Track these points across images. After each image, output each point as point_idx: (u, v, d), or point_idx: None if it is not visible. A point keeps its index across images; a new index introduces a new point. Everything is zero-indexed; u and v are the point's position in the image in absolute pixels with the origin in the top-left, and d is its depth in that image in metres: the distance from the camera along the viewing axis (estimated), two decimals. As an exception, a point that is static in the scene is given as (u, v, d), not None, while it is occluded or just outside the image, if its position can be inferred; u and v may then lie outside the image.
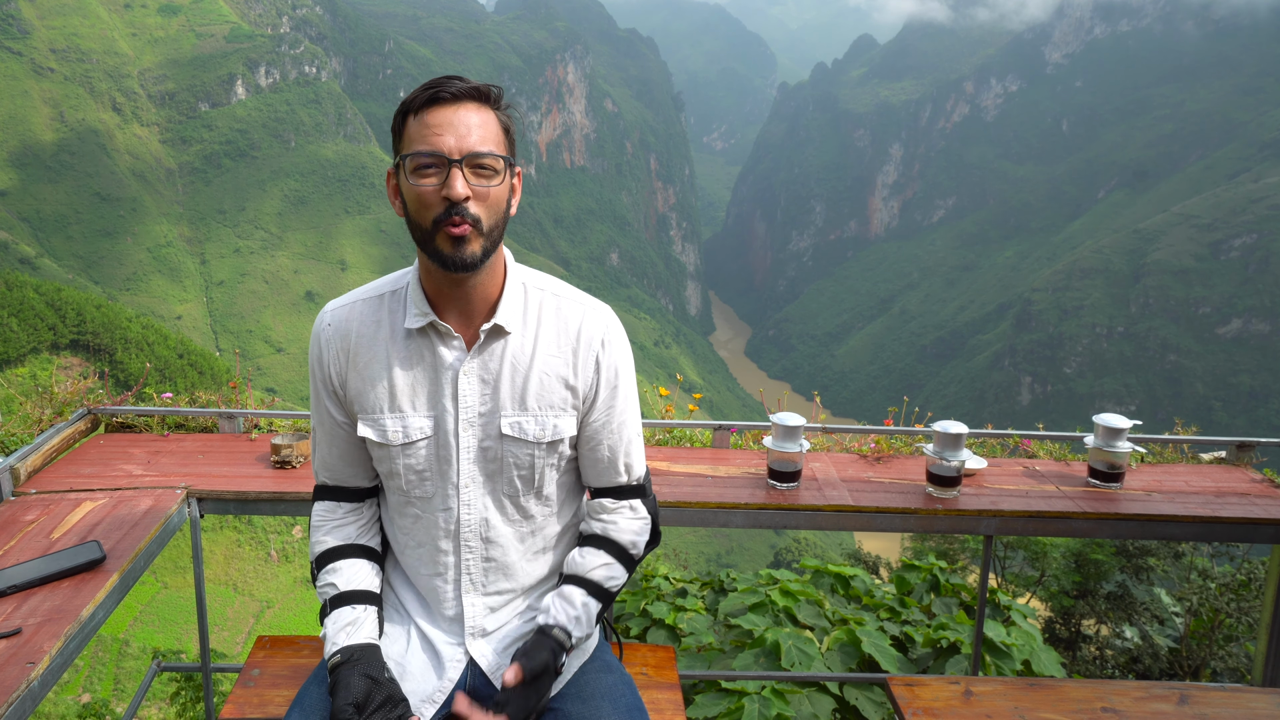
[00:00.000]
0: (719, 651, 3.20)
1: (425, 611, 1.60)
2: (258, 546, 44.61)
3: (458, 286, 1.47)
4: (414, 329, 1.51)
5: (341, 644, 1.50)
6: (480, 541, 1.55)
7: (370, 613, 1.56)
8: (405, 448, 1.52)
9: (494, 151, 1.40)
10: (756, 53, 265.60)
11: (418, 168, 1.39)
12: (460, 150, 1.37)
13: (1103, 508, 2.45)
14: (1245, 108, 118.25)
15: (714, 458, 2.74)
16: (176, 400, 2.96)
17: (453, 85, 1.40)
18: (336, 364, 1.54)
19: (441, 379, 1.51)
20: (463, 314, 1.51)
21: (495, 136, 1.42)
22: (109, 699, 29.11)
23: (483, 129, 1.40)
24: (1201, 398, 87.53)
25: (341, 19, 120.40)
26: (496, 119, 1.44)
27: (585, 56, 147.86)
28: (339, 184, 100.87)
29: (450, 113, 1.39)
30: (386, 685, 1.46)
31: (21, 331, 48.58)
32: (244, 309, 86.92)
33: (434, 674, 1.54)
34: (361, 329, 1.53)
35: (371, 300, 1.55)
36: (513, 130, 1.47)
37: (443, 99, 1.39)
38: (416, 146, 1.39)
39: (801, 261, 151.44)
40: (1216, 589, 5.35)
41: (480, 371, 1.51)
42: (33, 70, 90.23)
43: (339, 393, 1.56)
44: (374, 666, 1.47)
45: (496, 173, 1.41)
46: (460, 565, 1.56)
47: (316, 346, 1.55)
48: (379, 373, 1.52)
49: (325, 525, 1.62)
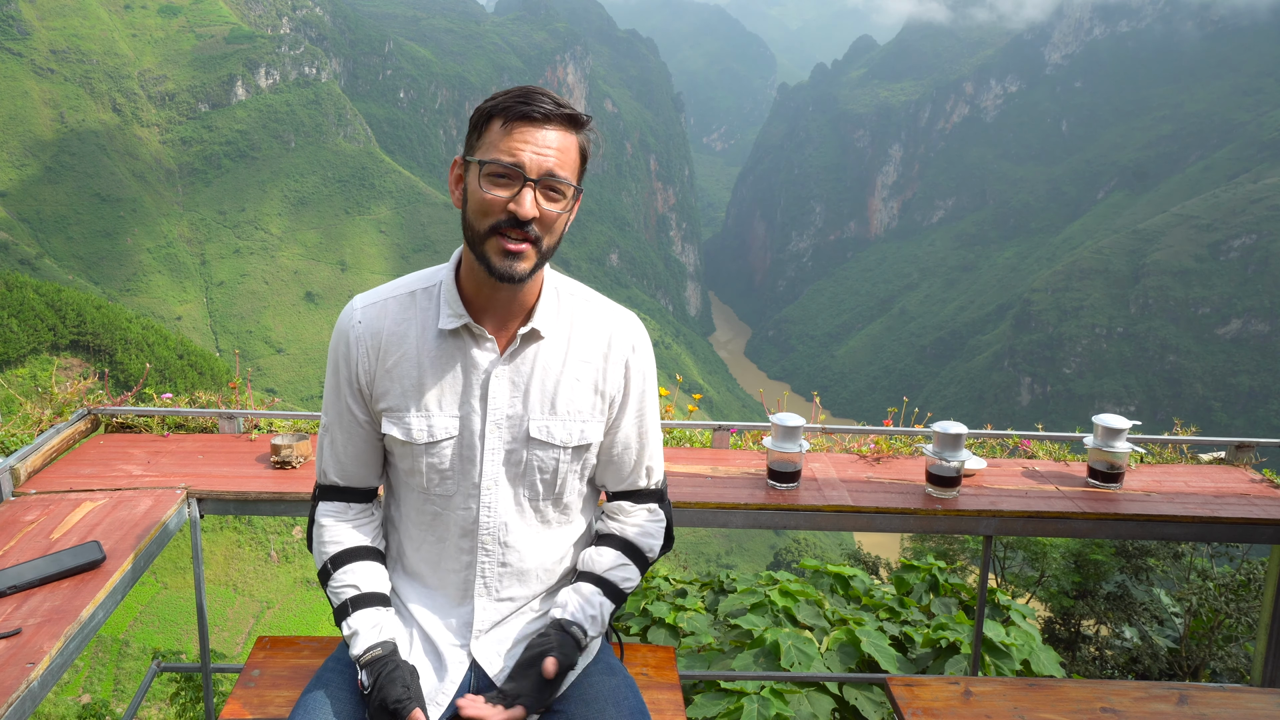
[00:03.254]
0: (719, 651, 3.20)
1: (430, 613, 1.59)
2: (258, 547, 44.60)
3: (499, 291, 1.48)
4: (447, 330, 1.50)
5: (378, 639, 1.51)
6: (498, 545, 1.55)
7: (391, 615, 1.57)
8: (429, 447, 1.52)
9: (569, 179, 1.42)
10: (756, 53, 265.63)
11: (493, 174, 1.39)
12: (539, 170, 1.38)
13: (1102, 508, 2.45)
14: (1245, 108, 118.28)
15: (714, 458, 2.74)
16: (176, 401, 2.96)
17: (546, 104, 1.40)
18: (366, 362, 1.53)
19: (471, 380, 1.51)
20: (499, 317, 1.51)
21: (572, 163, 1.43)
22: (109, 699, 29.12)
23: (564, 154, 1.41)
24: (1201, 398, 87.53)
25: (341, 20, 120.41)
26: (577, 144, 1.45)
27: (585, 57, 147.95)
28: (339, 185, 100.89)
29: (539, 131, 1.39)
30: (417, 688, 1.48)
31: (21, 332, 48.57)
32: (244, 309, 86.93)
33: (435, 676, 1.54)
34: (393, 327, 1.52)
35: (402, 298, 1.54)
36: (589, 156, 1.48)
37: (534, 117, 1.39)
38: (498, 155, 1.39)
39: (801, 262, 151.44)
40: (1216, 589, 5.36)
41: (511, 375, 1.51)
42: (33, 71, 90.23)
43: (364, 391, 1.55)
44: (408, 665, 1.50)
45: (565, 197, 1.42)
46: (475, 566, 1.56)
47: (344, 344, 1.54)
48: (408, 371, 1.52)
49: (335, 527, 1.61)
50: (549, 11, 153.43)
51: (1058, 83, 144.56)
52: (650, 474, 1.66)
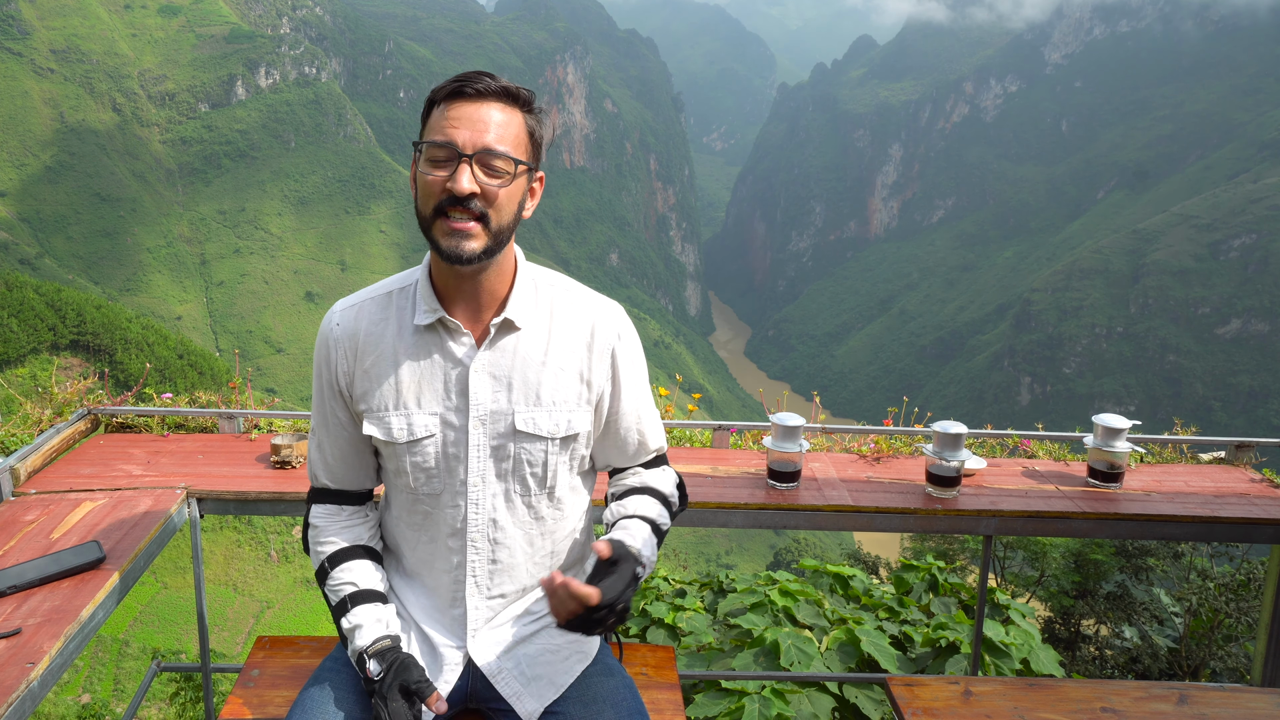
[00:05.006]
0: (719, 651, 3.20)
1: (426, 613, 1.59)
2: (258, 547, 44.61)
3: (465, 280, 1.47)
4: (423, 325, 1.50)
5: (384, 632, 1.51)
6: (487, 542, 1.54)
7: (390, 611, 1.57)
8: (411, 445, 1.51)
9: (508, 152, 1.39)
10: (756, 53, 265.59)
11: (431, 157, 1.39)
12: (473, 145, 1.37)
13: (1102, 508, 2.45)
14: (1245, 108, 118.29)
15: (714, 458, 2.74)
16: (176, 400, 2.96)
17: (481, 81, 1.40)
18: (345, 363, 1.53)
19: (450, 376, 1.50)
20: (471, 309, 1.50)
21: (514, 138, 1.41)
22: (109, 699, 29.14)
23: (502, 129, 1.40)
24: (1201, 398, 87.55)
25: (341, 20, 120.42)
26: (522, 121, 1.43)
27: (585, 57, 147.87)
28: (339, 184, 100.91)
29: (473, 108, 1.39)
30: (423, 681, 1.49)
31: (21, 332, 48.57)
32: (244, 309, 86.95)
33: (431, 676, 1.54)
34: (370, 328, 1.52)
35: (379, 299, 1.54)
36: (539, 135, 1.46)
37: (467, 94, 1.40)
38: (433, 136, 1.39)
39: (801, 262, 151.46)
40: (1216, 589, 5.36)
41: (491, 368, 1.50)
42: (33, 71, 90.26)
43: (345, 392, 1.55)
44: (412, 658, 1.50)
45: (509, 174, 1.40)
46: (466, 565, 1.55)
47: (324, 347, 1.55)
48: (386, 370, 1.51)
49: (330, 528, 1.62)
50: (549, 11, 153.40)
51: (1058, 83, 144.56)
52: (655, 442, 1.68)
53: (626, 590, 1.38)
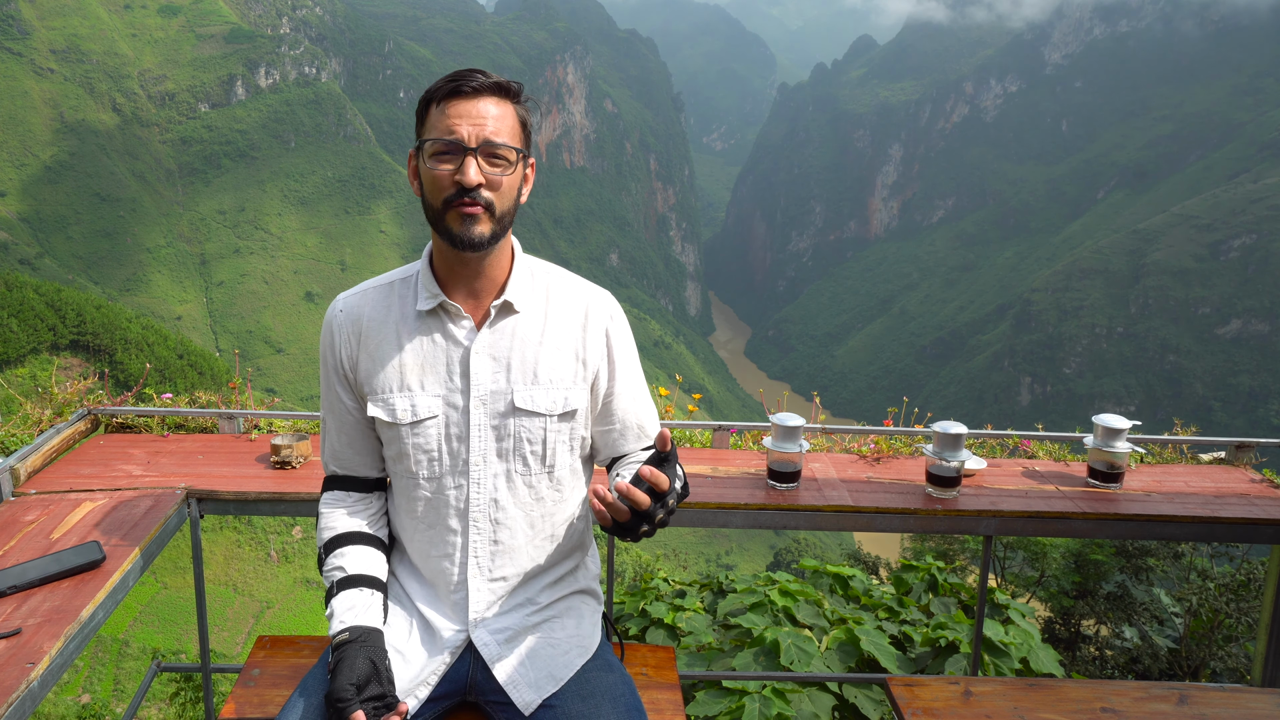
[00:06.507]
0: (719, 651, 3.20)
1: (429, 598, 1.62)
2: (258, 547, 44.63)
3: (467, 266, 1.54)
4: (425, 310, 1.57)
5: (350, 623, 1.52)
6: (489, 523, 1.58)
7: (377, 598, 1.58)
8: (414, 426, 1.56)
9: (508, 143, 1.49)
10: (756, 53, 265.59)
11: (436, 153, 1.48)
12: (477, 139, 1.46)
13: (1102, 508, 2.45)
14: (1245, 108, 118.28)
15: (713, 458, 2.74)
16: (176, 401, 2.96)
17: (475, 79, 1.49)
18: (348, 348, 1.60)
19: (452, 358, 1.56)
20: (472, 293, 1.57)
21: (511, 129, 1.51)
22: (109, 699, 29.15)
23: (499, 121, 1.49)
24: (1201, 398, 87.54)
25: (341, 20, 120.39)
26: (515, 112, 1.53)
27: (585, 57, 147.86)
28: (339, 184, 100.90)
29: (470, 104, 1.48)
30: (385, 675, 1.48)
31: (21, 332, 48.56)
32: (244, 309, 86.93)
33: (430, 658, 1.56)
34: (373, 313, 1.60)
35: (382, 288, 1.62)
36: (529, 124, 1.56)
37: (464, 91, 1.48)
38: (436, 134, 1.48)
39: (801, 262, 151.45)
40: (1216, 589, 5.36)
41: (490, 350, 1.56)
42: (33, 71, 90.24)
43: (349, 376, 1.61)
44: (378, 652, 1.50)
45: (510, 163, 1.50)
46: (468, 547, 1.58)
47: (329, 333, 1.62)
48: (389, 353, 1.57)
49: (334, 513, 1.66)
50: (549, 11, 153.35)
51: (1058, 82, 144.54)
52: (653, 427, 1.72)
53: (670, 493, 1.39)
